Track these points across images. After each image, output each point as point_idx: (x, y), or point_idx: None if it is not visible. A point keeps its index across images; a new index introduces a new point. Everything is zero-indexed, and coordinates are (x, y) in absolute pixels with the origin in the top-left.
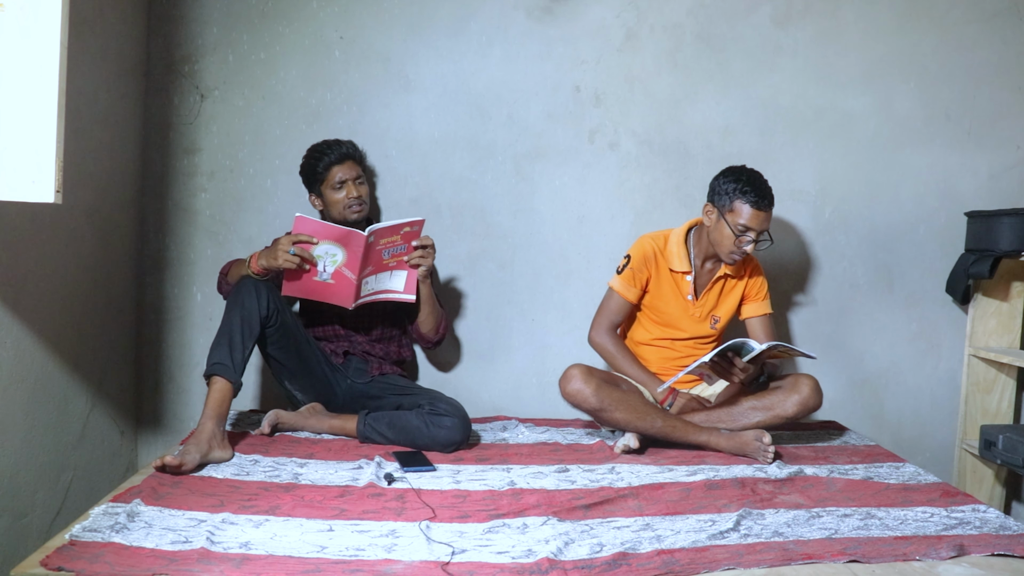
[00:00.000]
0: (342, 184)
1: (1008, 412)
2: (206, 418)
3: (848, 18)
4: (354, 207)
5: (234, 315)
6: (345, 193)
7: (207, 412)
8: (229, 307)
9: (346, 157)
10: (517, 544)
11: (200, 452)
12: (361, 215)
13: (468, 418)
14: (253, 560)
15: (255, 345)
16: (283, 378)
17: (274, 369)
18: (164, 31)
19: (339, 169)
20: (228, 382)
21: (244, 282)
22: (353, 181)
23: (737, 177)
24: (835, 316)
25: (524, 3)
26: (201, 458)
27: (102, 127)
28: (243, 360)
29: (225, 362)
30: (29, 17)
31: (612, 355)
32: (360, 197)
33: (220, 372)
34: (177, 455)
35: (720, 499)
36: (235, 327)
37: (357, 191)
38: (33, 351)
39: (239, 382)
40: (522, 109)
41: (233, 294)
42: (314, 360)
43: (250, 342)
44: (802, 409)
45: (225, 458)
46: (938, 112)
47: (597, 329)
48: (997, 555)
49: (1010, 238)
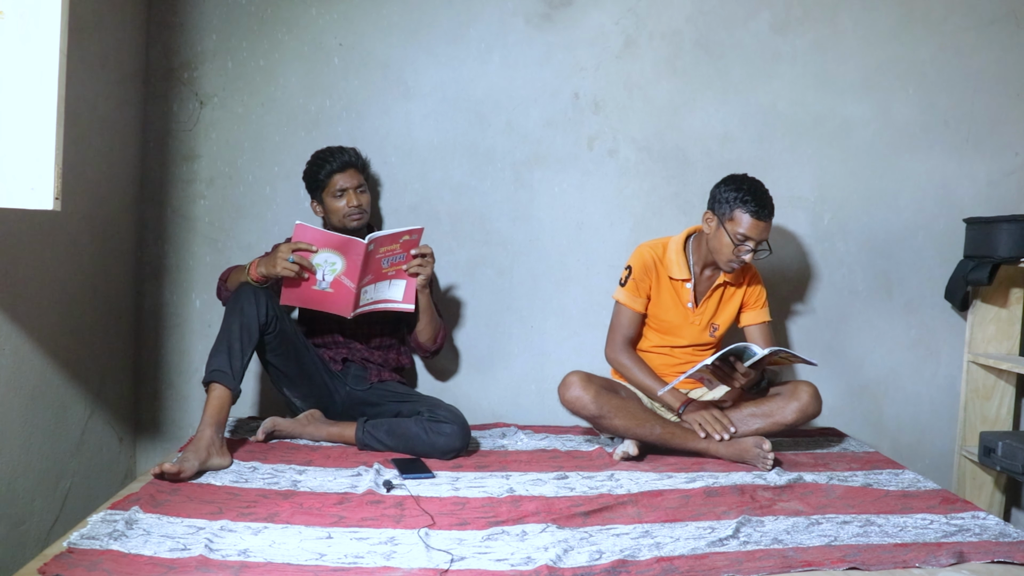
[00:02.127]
0: (343, 192)
1: (1007, 419)
2: (204, 425)
3: (846, 25)
4: (354, 215)
5: (233, 322)
6: (346, 201)
7: (205, 419)
8: (228, 314)
9: (348, 165)
10: (516, 551)
11: (199, 459)
12: (361, 223)
13: (467, 425)
14: (251, 568)
15: (254, 352)
16: (282, 385)
17: (273, 376)
18: (163, 38)
19: (340, 177)
20: (227, 389)
21: (243, 289)
22: (354, 190)
23: (738, 186)
24: (834, 323)
25: (523, 10)
26: (199, 465)
27: (101, 134)
28: (242, 367)
29: (224, 369)
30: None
31: (627, 368)
32: (360, 206)
33: (219, 379)
34: (175, 462)
35: (719, 506)
36: (234, 334)
37: (358, 200)
38: (31, 358)
39: (238, 389)
40: (521, 116)
41: (232, 301)
42: (313, 367)
43: (249, 349)
44: (801, 416)
45: (224, 465)
46: (936, 118)
47: (612, 345)
48: (997, 562)
49: (1009, 244)
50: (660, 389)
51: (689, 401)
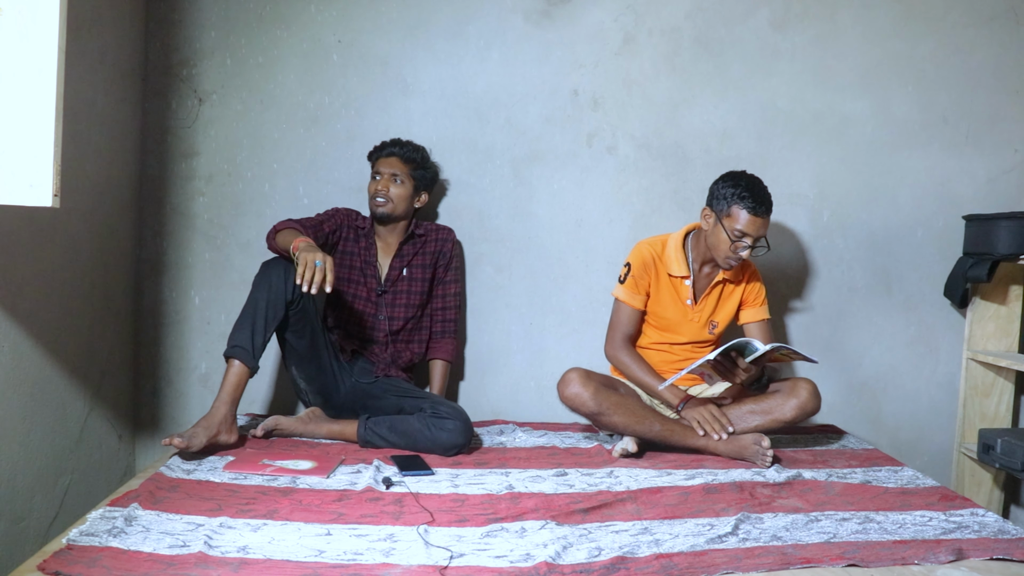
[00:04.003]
0: (379, 176)
1: (1006, 416)
2: (220, 402)
3: (846, 22)
4: (378, 199)
5: (261, 296)
6: (376, 185)
7: (222, 396)
8: (257, 285)
9: (392, 154)
10: (515, 548)
11: (208, 435)
12: (385, 211)
13: (470, 421)
14: (251, 564)
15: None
16: (291, 363)
17: (286, 352)
18: (162, 35)
19: (382, 162)
20: (246, 367)
21: (277, 262)
22: (389, 176)
23: (736, 182)
24: (833, 320)
25: (522, 7)
26: (208, 441)
27: (100, 131)
28: (263, 343)
29: (245, 346)
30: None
31: (627, 366)
32: (387, 192)
33: (239, 356)
34: (184, 437)
35: (718, 503)
36: (260, 309)
37: (386, 185)
38: (31, 355)
39: (256, 366)
40: (520, 113)
41: (263, 272)
42: (325, 351)
43: (273, 324)
44: (800, 413)
45: (231, 442)
46: (936, 115)
47: (611, 343)
48: (995, 559)
49: (1008, 241)
50: (660, 385)
51: (688, 398)
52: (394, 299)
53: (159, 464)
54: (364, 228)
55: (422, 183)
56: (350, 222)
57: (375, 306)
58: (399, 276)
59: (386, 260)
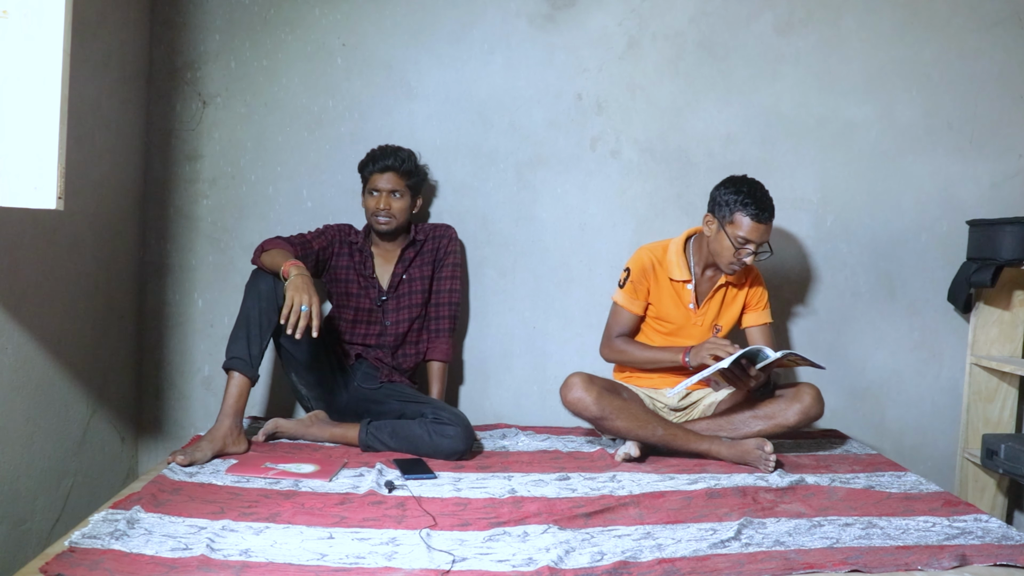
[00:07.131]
0: (377, 193)
1: (1010, 421)
2: (224, 416)
3: (850, 26)
4: (380, 217)
5: (252, 305)
6: (376, 202)
7: (225, 410)
8: (248, 295)
9: (388, 169)
10: (518, 552)
11: (213, 449)
12: (389, 228)
13: (471, 427)
14: (253, 567)
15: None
16: (290, 370)
17: (284, 359)
18: (167, 38)
19: (379, 178)
20: (246, 377)
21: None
22: (388, 193)
23: (737, 188)
24: (836, 324)
25: (526, 11)
26: (213, 455)
27: (104, 133)
28: (260, 352)
29: (242, 356)
30: (32, 23)
31: (625, 352)
32: (388, 209)
33: (238, 367)
34: (187, 455)
35: (721, 508)
36: (253, 319)
37: (387, 203)
38: (34, 357)
39: (256, 375)
40: (524, 117)
41: (253, 280)
42: (324, 358)
43: (268, 332)
44: (804, 418)
45: (240, 451)
46: (940, 120)
47: (605, 344)
48: (999, 565)
49: (1012, 247)
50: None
51: (688, 349)
52: (397, 303)
53: (162, 467)
54: (358, 243)
55: (417, 190)
56: (342, 237)
57: (379, 314)
58: (400, 281)
59: (387, 268)
